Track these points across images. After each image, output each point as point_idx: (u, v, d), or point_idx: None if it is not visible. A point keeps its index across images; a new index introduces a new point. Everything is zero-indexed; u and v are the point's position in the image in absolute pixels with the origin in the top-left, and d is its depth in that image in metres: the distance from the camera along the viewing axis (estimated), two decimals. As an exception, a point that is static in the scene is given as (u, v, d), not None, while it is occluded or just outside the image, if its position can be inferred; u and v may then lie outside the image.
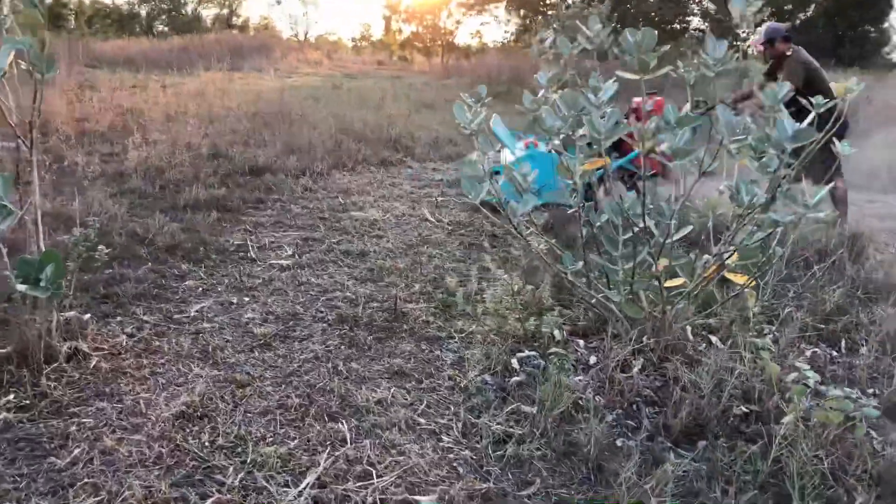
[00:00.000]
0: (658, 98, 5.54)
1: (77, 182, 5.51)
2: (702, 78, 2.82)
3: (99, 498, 2.06)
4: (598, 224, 3.15)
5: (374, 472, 2.28)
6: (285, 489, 2.19)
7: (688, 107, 2.66)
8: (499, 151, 6.04)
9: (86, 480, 2.14)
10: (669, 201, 2.93)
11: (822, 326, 3.50)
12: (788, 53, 5.52)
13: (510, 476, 2.34)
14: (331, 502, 2.14)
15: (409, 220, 5.40)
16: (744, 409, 2.68)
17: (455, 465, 2.37)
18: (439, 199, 6.13)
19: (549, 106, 2.84)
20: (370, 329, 3.38)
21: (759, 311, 3.35)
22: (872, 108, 10.34)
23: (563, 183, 3.15)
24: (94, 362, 2.81)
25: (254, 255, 4.32)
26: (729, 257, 2.89)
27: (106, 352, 2.92)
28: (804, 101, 2.94)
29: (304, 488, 2.18)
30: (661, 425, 2.63)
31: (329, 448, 2.40)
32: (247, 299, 3.65)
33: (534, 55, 3.38)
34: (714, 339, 3.29)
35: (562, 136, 2.84)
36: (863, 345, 3.33)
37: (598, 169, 3.06)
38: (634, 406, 2.80)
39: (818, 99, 2.88)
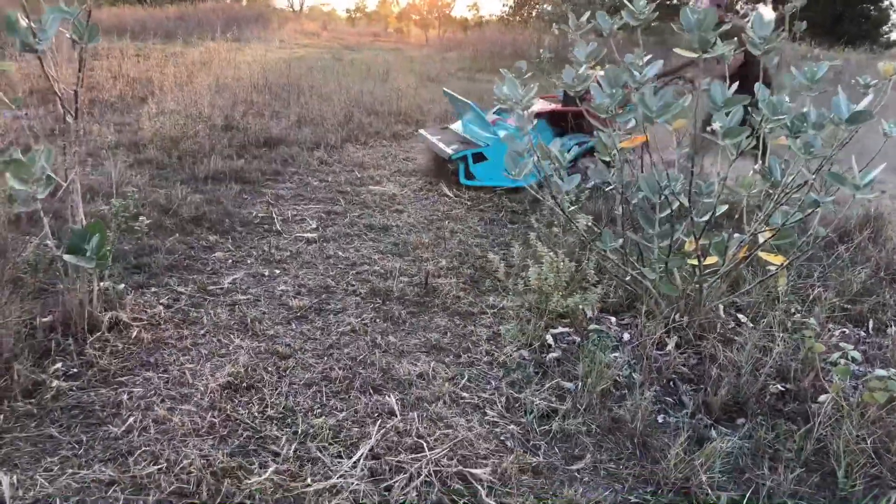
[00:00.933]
0: None
1: (94, 152, 5.48)
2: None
3: (159, 466, 2.09)
4: (634, 201, 3.16)
5: (424, 444, 2.31)
6: (339, 460, 2.21)
7: (734, 87, 2.65)
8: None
9: (143, 448, 2.16)
10: (709, 180, 2.94)
11: (849, 307, 3.53)
12: (726, 21, 5.38)
13: (557, 450, 2.37)
14: (386, 473, 2.17)
15: (427, 195, 5.38)
16: (780, 387, 2.72)
17: (503, 438, 2.40)
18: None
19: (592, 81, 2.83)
20: (403, 303, 3.40)
21: (787, 292, 3.38)
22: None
23: (600, 159, 3.17)
24: (135, 332, 2.81)
25: (279, 228, 4.31)
26: (769, 238, 2.90)
27: (145, 322, 2.93)
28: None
29: (359, 459, 2.21)
30: (702, 403, 2.66)
31: (378, 420, 2.43)
32: (277, 272, 3.65)
33: (571, 29, 3.35)
34: (742, 317, 3.33)
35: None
36: (890, 325, 3.37)
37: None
38: (671, 383, 2.83)
39: None
